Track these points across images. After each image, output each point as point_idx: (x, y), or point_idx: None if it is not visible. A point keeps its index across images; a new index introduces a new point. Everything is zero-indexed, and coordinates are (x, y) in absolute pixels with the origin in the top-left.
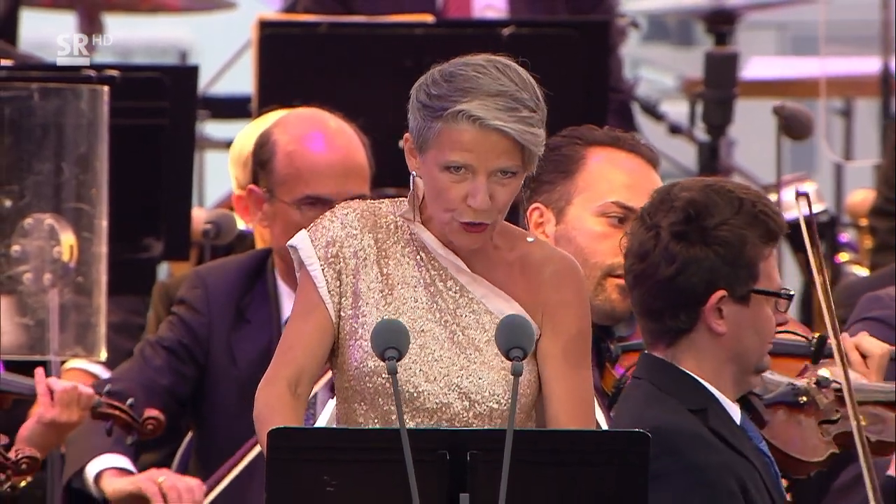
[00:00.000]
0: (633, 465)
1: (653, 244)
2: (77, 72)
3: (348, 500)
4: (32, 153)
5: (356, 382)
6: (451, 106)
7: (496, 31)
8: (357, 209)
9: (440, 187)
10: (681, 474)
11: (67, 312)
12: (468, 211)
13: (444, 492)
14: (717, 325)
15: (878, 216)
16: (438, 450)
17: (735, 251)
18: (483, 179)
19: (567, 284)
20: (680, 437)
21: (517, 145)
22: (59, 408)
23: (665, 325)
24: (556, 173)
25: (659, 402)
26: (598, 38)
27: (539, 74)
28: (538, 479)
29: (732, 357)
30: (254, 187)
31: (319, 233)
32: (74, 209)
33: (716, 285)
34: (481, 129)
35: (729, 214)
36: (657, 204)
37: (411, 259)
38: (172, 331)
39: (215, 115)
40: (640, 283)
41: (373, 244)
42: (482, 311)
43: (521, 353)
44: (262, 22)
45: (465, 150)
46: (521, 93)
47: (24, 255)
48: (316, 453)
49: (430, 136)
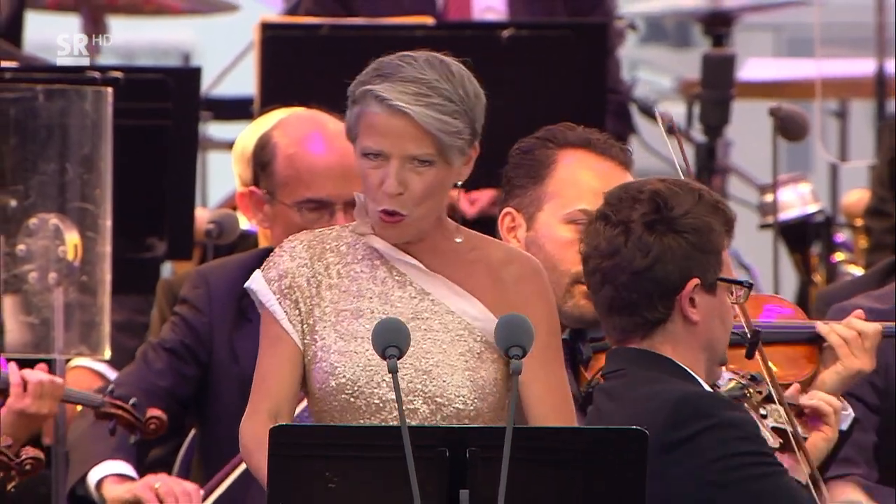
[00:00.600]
0: (631, 462)
1: (623, 239)
2: (81, 73)
3: (350, 497)
4: (37, 153)
5: (323, 404)
6: (363, 87)
7: (495, 33)
8: (304, 240)
9: (363, 175)
10: (720, 429)
11: (72, 311)
12: (384, 197)
13: (444, 488)
14: (691, 313)
15: (873, 216)
16: (438, 447)
17: (704, 238)
18: (395, 164)
19: (531, 284)
20: (706, 399)
21: (427, 133)
22: (30, 398)
23: (641, 318)
24: (528, 178)
25: (662, 380)
26: (596, 40)
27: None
28: (537, 476)
29: (705, 345)
30: (254, 189)
31: (271, 270)
32: (79, 209)
33: (690, 273)
34: (388, 111)
35: (692, 204)
36: (619, 201)
37: (368, 272)
38: (174, 332)
39: (218, 117)
40: (610, 279)
41: (323, 270)
42: (444, 312)
43: (520, 351)
44: (263, 24)
45: (378, 135)
46: (440, 83)
47: (29, 255)
48: (317, 450)
49: (354, 123)
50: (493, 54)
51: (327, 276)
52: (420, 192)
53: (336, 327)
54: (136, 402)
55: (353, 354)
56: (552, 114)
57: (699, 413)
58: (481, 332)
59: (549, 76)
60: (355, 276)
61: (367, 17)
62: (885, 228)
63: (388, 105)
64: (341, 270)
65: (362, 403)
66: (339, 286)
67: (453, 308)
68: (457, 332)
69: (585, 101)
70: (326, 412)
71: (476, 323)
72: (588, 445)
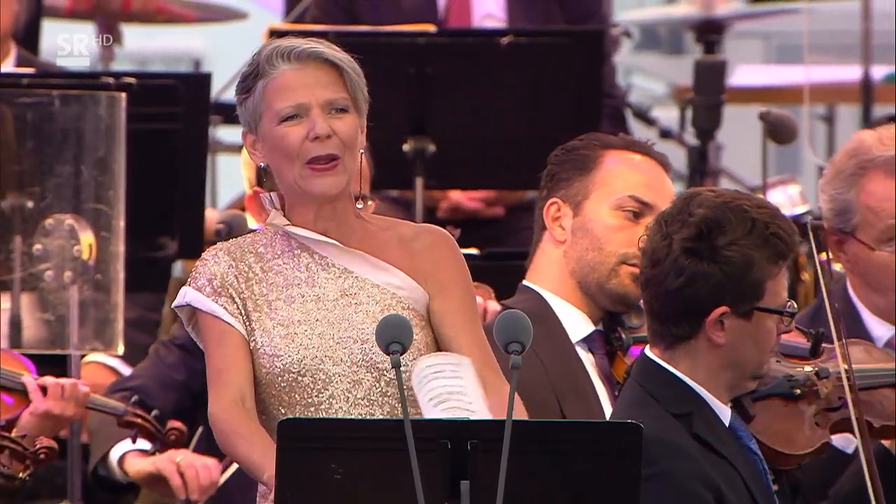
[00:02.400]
0: (626, 454)
1: (665, 253)
2: (96, 79)
3: (355, 488)
4: (53, 156)
5: (270, 388)
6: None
7: (495, 40)
8: (222, 247)
9: (280, 140)
10: (655, 480)
11: (87, 308)
12: (312, 146)
13: (446, 479)
14: (716, 336)
15: None
16: (440, 439)
17: (741, 271)
18: (317, 112)
19: (442, 249)
20: (657, 445)
21: (339, 76)
22: (52, 400)
23: (667, 329)
24: (574, 171)
25: (644, 406)
26: (592, 47)
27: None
28: (536, 467)
29: (728, 365)
30: (259, 189)
31: (199, 279)
32: (93, 210)
33: (720, 301)
34: (298, 62)
35: (740, 234)
36: (675, 214)
37: (291, 263)
38: (184, 329)
39: (227, 121)
40: (649, 285)
41: (247, 269)
42: (369, 286)
43: (519, 347)
44: (272, 31)
45: (290, 90)
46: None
47: (45, 254)
48: (324, 443)
49: (257, 103)
50: (492, 60)
51: (252, 273)
52: (347, 136)
53: (271, 316)
54: (157, 414)
55: (294, 336)
56: (550, 117)
57: (647, 460)
58: (407, 300)
59: (547, 81)
60: (279, 269)
61: (371, 25)
62: None
63: (297, 54)
64: (264, 267)
65: (309, 380)
66: (265, 280)
67: (377, 281)
68: (384, 302)
69: (582, 106)
70: (274, 395)
71: (401, 292)
72: (585, 438)
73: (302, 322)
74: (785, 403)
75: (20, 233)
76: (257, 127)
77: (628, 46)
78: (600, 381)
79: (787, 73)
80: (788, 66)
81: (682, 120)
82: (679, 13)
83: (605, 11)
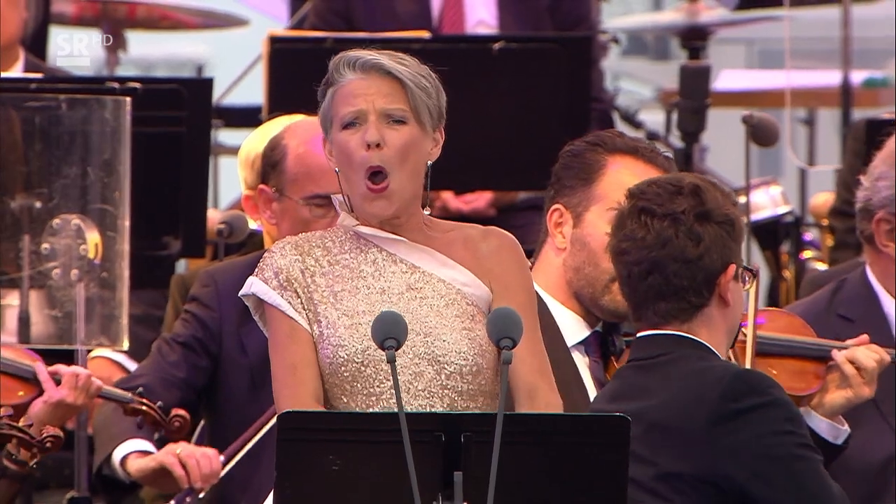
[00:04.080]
0: (614, 446)
1: (674, 230)
2: (102, 84)
3: (352, 478)
4: (61, 158)
5: (332, 377)
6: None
7: (487, 46)
8: (290, 240)
9: (343, 146)
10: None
11: (93, 305)
12: (366, 157)
13: (440, 470)
14: (729, 296)
15: (837, 217)
16: (434, 431)
17: (735, 229)
18: (372, 119)
19: (509, 254)
20: (760, 378)
21: (400, 87)
22: (66, 389)
23: (686, 302)
24: (577, 179)
25: (708, 359)
26: (581, 53)
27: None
28: (527, 459)
29: (730, 327)
30: (264, 187)
31: (265, 271)
32: (99, 210)
33: (729, 259)
34: (362, 71)
35: (720, 196)
36: (658, 196)
37: (359, 257)
38: (186, 327)
39: (229, 124)
40: (658, 268)
41: (313, 262)
42: (435, 281)
43: (510, 342)
44: (272, 37)
45: (353, 97)
46: (406, 57)
47: (53, 253)
48: (322, 435)
49: (327, 110)
50: (484, 65)
51: (318, 266)
52: (398, 147)
53: (336, 306)
54: (162, 404)
55: (359, 326)
56: (540, 120)
57: (755, 390)
58: (471, 296)
59: (538, 86)
60: (346, 262)
61: (368, 31)
62: (848, 228)
63: (361, 64)
64: (331, 260)
65: (371, 371)
66: (331, 273)
67: (443, 277)
68: (449, 297)
69: (571, 109)
70: (337, 385)
71: (466, 289)
72: (574, 430)
73: (366, 313)
74: None
75: (29, 232)
76: (329, 132)
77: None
78: (592, 384)
79: (770, 78)
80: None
81: (668, 123)
82: (665, 20)
83: (594, 18)
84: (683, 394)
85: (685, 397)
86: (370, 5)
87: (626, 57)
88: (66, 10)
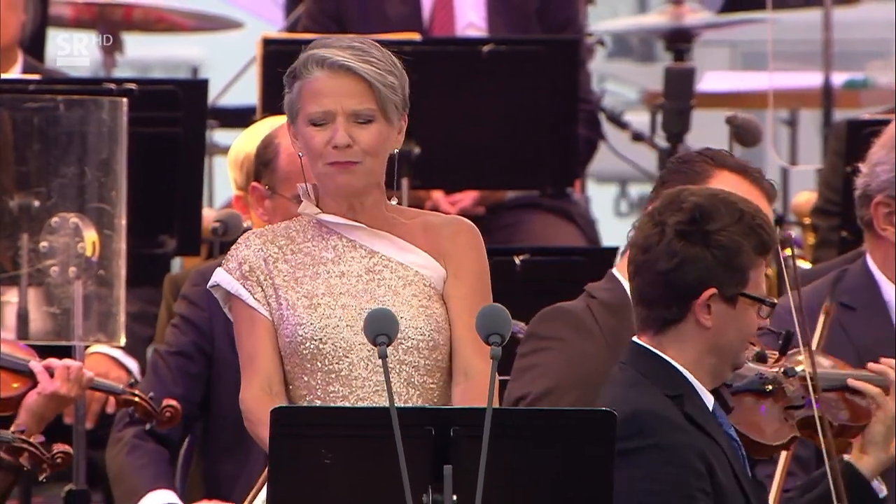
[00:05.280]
0: (600, 440)
1: (657, 239)
2: (99, 85)
3: (344, 472)
4: (59, 158)
5: (292, 356)
6: (304, 56)
7: (476, 49)
8: (256, 232)
9: (308, 140)
10: (651, 451)
11: (90, 302)
12: (332, 153)
13: (430, 463)
14: (704, 319)
15: (819, 215)
16: (424, 426)
17: (730, 255)
18: (340, 120)
19: (464, 236)
20: (654, 418)
21: (368, 88)
22: (59, 381)
23: (657, 314)
24: (681, 183)
25: (639, 386)
26: (568, 55)
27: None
28: (515, 453)
29: (712, 349)
30: (256, 185)
31: (230, 262)
32: (97, 209)
33: (708, 283)
34: (330, 71)
35: (729, 222)
36: (666, 204)
37: (320, 244)
38: (176, 335)
39: (223, 125)
40: (640, 272)
41: (276, 251)
42: (394, 264)
43: (499, 339)
44: (265, 40)
45: (321, 96)
46: (372, 48)
47: (51, 251)
48: (315, 430)
49: (296, 102)
50: (474, 67)
51: (282, 253)
52: (369, 144)
53: (296, 289)
54: (153, 395)
55: (318, 307)
56: (528, 121)
57: (643, 431)
58: (429, 278)
59: (526, 87)
60: (307, 250)
61: (359, 34)
62: (830, 226)
63: (329, 64)
64: (294, 248)
65: (330, 348)
66: (293, 260)
67: (402, 260)
68: (407, 278)
69: (558, 110)
70: (297, 364)
71: (424, 271)
72: (561, 425)
73: (325, 294)
74: (756, 399)
75: (27, 231)
76: (294, 121)
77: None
78: None
79: (753, 80)
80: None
81: (653, 124)
82: (650, 23)
83: (580, 21)
84: None
85: None
86: (362, 7)
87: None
88: (64, 13)
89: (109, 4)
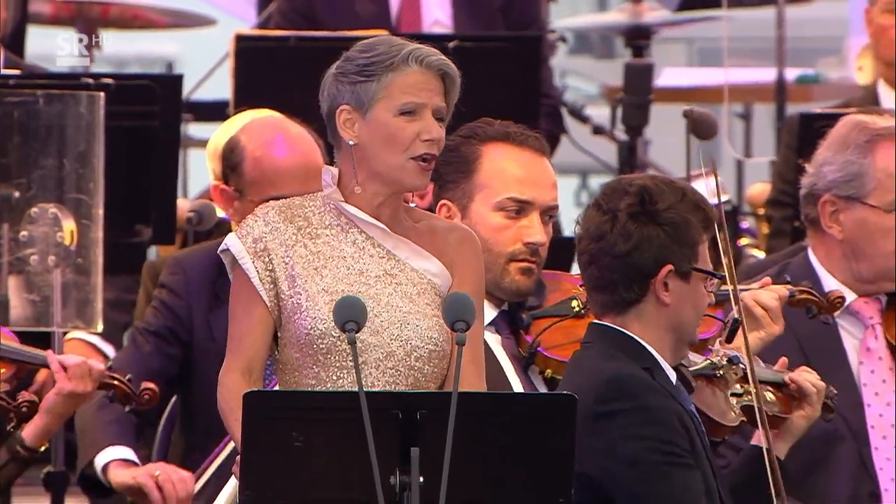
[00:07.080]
0: (561, 424)
1: (610, 225)
2: (77, 80)
3: (314, 455)
4: (38, 151)
5: (307, 348)
6: (397, 54)
7: (443, 45)
8: (275, 206)
9: (393, 132)
10: (635, 413)
11: (69, 290)
12: (422, 145)
13: (397, 446)
14: (663, 296)
15: (773, 206)
16: (392, 410)
17: (681, 231)
18: (429, 115)
19: (468, 245)
20: (635, 382)
21: (445, 90)
22: (75, 381)
23: (618, 296)
24: (458, 174)
25: (615, 358)
26: (531, 51)
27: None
28: (480, 435)
29: (673, 326)
30: (225, 187)
31: (245, 231)
32: (75, 199)
33: (664, 261)
34: (426, 69)
35: (675, 200)
36: (610, 193)
37: (340, 234)
38: (156, 317)
39: (198, 118)
40: (595, 260)
41: (296, 231)
42: (409, 270)
43: (464, 325)
44: (238, 36)
45: (418, 90)
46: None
47: (31, 240)
48: (285, 413)
49: (378, 91)
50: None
51: (300, 236)
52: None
53: (318, 281)
54: (131, 377)
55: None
56: (493, 115)
57: (623, 393)
58: (439, 287)
59: (491, 83)
60: (327, 239)
61: (330, 30)
62: (783, 216)
63: (429, 62)
64: (311, 233)
65: (345, 346)
66: (312, 247)
67: (416, 267)
68: (421, 286)
69: (522, 105)
70: (311, 355)
71: (436, 279)
72: (524, 409)
73: (345, 292)
74: (707, 383)
75: (8, 220)
76: (367, 109)
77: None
78: (508, 360)
79: (708, 75)
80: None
81: (613, 117)
82: (610, 20)
83: (543, 19)
84: (580, 389)
85: (581, 392)
86: (332, 6)
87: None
88: (43, 10)
89: (87, 2)
